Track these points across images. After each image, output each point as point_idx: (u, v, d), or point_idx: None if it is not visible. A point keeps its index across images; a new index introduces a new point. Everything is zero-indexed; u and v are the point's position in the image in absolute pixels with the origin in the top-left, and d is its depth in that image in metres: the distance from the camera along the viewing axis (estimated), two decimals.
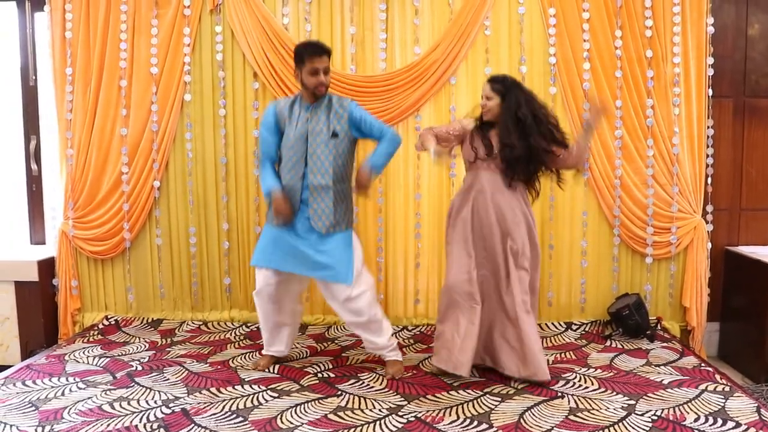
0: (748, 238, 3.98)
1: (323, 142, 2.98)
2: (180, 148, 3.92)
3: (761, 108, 3.92)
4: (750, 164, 3.95)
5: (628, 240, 3.85)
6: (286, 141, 3.04)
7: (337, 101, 3.05)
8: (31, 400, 2.80)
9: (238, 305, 4.02)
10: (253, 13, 3.77)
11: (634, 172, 3.80)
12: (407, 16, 3.80)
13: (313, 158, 2.99)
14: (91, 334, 3.75)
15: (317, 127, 3.00)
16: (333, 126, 3.00)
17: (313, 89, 2.98)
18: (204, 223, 3.96)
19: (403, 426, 2.55)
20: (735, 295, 3.87)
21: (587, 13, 3.72)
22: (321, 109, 3.02)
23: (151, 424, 2.55)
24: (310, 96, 3.02)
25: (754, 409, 2.66)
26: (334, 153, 2.99)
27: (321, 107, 3.02)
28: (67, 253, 3.94)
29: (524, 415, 2.64)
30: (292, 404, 2.75)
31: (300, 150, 3.01)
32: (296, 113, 3.05)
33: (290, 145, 3.02)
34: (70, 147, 3.89)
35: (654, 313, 3.86)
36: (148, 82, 3.85)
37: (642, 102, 3.75)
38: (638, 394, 2.84)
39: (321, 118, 3.01)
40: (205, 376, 3.10)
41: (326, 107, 3.03)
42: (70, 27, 3.83)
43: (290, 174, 3.03)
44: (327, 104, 3.03)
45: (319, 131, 2.99)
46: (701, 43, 3.72)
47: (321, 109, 3.02)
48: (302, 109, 3.04)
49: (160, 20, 3.82)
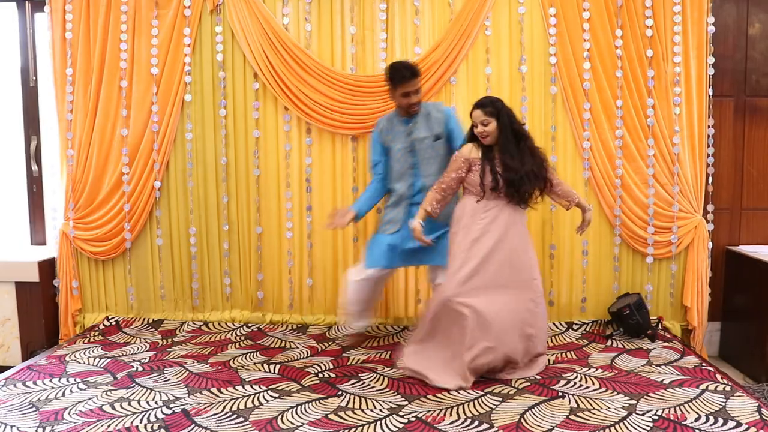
0: (749, 237, 3.97)
1: (429, 147, 3.28)
2: (180, 148, 3.92)
3: (762, 107, 3.91)
4: (751, 164, 3.94)
5: (629, 239, 3.85)
6: (393, 155, 3.34)
7: (433, 107, 3.34)
8: (32, 400, 2.80)
9: (239, 306, 4.03)
10: (253, 13, 3.77)
11: (634, 172, 3.80)
12: (407, 16, 3.80)
13: (422, 163, 3.29)
14: (92, 334, 3.75)
15: (420, 134, 3.28)
16: (435, 130, 3.28)
17: (406, 109, 3.26)
18: (204, 223, 3.96)
19: (404, 426, 2.55)
20: (736, 294, 3.87)
21: (588, 13, 3.72)
22: (420, 118, 3.30)
23: (151, 425, 2.55)
24: (404, 112, 3.30)
25: (755, 409, 2.65)
26: (441, 154, 3.29)
27: (419, 116, 3.30)
28: (68, 253, 3.94)
29: (525, 415, 2.63)
30: (292, 404, 2.75)
31: (406, 161, 3.31)
32: (397, 129, 3.34)
33: (397, 158, 3.33)
34: (71, 148, 3.89)
35: (655, 313, 3.85)
36: (148, 83, 3.85)
37: (643, 101, 3.75)
38: (639, 393, 2.84)
39: (421, 126, 3.29)
40: (205, 376, 3.09)
41: (424, 115, 3.30)
42: (71, 27, 3.83)
43: (399, 183, 3.34)
44: (424, 112, 3.31)
45: (423, 138, 3.27)
46: (702, 42, 3.72)
47: (419, 118, 3.30)
48: (401, 123, 3.33)
49: (160, 21, 3.82)
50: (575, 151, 3.81)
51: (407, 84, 3.18)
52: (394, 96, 3.27)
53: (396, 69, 3.23)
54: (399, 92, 3.21)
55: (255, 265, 3.99)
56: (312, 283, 3.98)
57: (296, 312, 4.02)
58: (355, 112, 3.78)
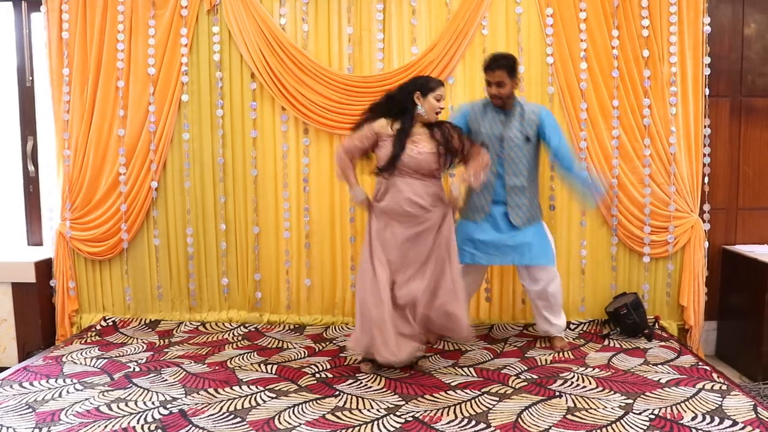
0: (745, 237, 3.99)
1: (517, 146, 3.31)
2: (177, 148, 3.92)
3: (758, 107, 3.92)
4: (747, 163, 3.95)
5: (626, 239, 3.85)
6: (480, 139, 3.31)
7: (528, 108, 3.36)
8: (28, 401, 2.80)
9: (236, 306, 4.02)
10: (250, 13, 3.77)
11: (631, 172, 3.80)
12: (404, 16, 3.80)
13: (508, 161, 3.32)
14: (89, 335, 3.75)
15: (511, 132, 3.31)
16: (526, 131, 3.31)
17: (491, 98, 3.33)
18: (202, 223, 3.96)
19: (401, 426, 2.55)
20: (732, 293, 3.88)
21: (584, 13, 3.72)
22: (515, 116, 3.33)
23: (149, 425, 2.55)
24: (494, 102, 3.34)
25: (751, 408, 2.66)
26: (528, 156, 3.33)
27: (515, 113, 3.33)
28: (65, 254, 3.93)
29: (522, 414, 2.64)
30: (290, 405, 2.75)
31: (494, 150, 3.30)
32: (490, 116, 3.35)
33: (485, 142, 3.30)
34: (67, 148, 3.88)
35: (652, 312, 3.86)
36: (145, 83, 3.84)
37: (639, 102, 3.76)
38: (636, 393, 2.84)
39: (515, 124, 3.31)
40: (203, 376, 3.09)
41: (519, 114, 3.33)
42: (67, 27, 3.82)
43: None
44: (520, 111, 3.34)
45: (514, 136, 3.30)
46: (698, 42, 3.73)
47: (515, 115, 3.33)
48: (495, 112, 3.35)
49: (157, 21, 3.81)
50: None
51: (489, 74, 3.26)
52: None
53: (489, 57, 3.32)
54: (486, 79, 3.30)
55: (252, 266, 3.99)
56: (309, 283, 3.98)
57: (293, 312, 4.01)
58: (352, 113, 3.77)
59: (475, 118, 3.38)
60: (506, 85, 3.26)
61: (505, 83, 3.26)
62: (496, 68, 3.24)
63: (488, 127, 3.33)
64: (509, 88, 3.28)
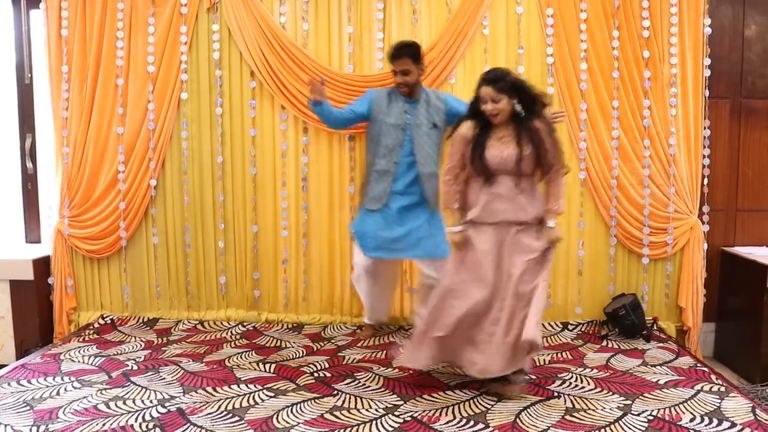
0: (743, 238, 3.99)
1: (425, 134, 3.36)
2: (176, 146, 3.91)
3: (757, 109, 3.92)
4: (746, 165, 3.95)
5: (625, 240, 3.85)
6: (382, 128, 3.38)
7: (434, 95, 3.42)
8: (26, 399, 2.79)
9: (234, 304, 4.02)
10: (250, 11, 3.76)
11: (630, 173, 3.80)
12: (405, 16, 3.80)
13: (419, 149, 3.36)
14: (87, 333, 3.74)
15: (418, 119, 3.36)
16: (433, 118, 3.37)
17: (397, 87, 3.38)
18: (200, 222, 3.95)
19: (400, 426, 2.55)
20: (731, 295, 3.88)
21: (585, 14, 3.72)
22: (420, 103, 3.38)
23: (146, 424, 2.55)
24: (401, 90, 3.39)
25: (750, 410, 2.66)
26: (437, 143, 3.40)
27: (420, 101, 3.38)
28: (63, 251, 3.93)
29: (520, 415, 2.64)
30: (288, 404, 2.74)
31: (396, 138, 3.36)
32: (394, 103, 3.39)
33: (386, 133, 3.37)
34: (66, 145, 3.87)
35: (650, 314, 3.86)
36: (144, 81, 3.83)
37: (639, 102, 3.76)
38: (634, 394, 2.85)
39: (421, 111, 3.37)
40: (200, 375, 3.09)
41: (425, 101, 3.38)
42: (66, 24, 3.81)
43: (385, 159, 3.38)
44: (425, 98, 3.39)
45: (421, 123, 3.36)
46: (698, 44, 3.73)
47: (420, 103, 3.38)
48: (400, 100, 3.39)
49: (157, 18, 3.81)
50: (571, 151, 3.81)
51: (395, 62, 3.31)
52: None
53: (393, 46, 3.37)
54: (392, 70, 3.35)
55: (251, 264, 3.98)
56: (307, 282, 3.98)
57: (292, 311, 4.01)
58: None
59: (378, 104, 3.41)
60: (412, 72, 3.31)
61: (410, 71, 3.31)
62: (400, 56, 3.29)
63: (393, 116, 3.37)
64: (415, 76, 3.33)
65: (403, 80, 3.32)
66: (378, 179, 3.40)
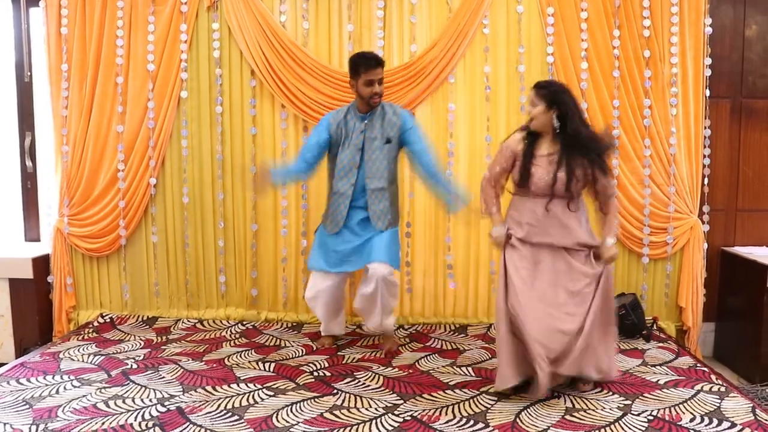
0: (744, 238, 3.98)
1: (378, 148, 3.23)
2: (176, 145, 3.91)
3: (758, 109, 3.92)
4: (746, 165, 3.95)
5: (625, 240, 3.85)
6: (342, 151, 3.25)
7: (389, 109, 3.27)
8: (25, 398, 2.79)
9: (234, 303, 4.02)
10: (250, 10, 3.75)
11: (631, 172, 3.80)
12: (405, 14, 3.79)
13: (368, 164, 3.23)
14: (86, 331, 3.73)
15: (372, 134, 3.22)
16: (387, 133, 3.23)
17: (368, 99, 3.18)
18: (200, 220, 3.95)
19: (399, 425, 2.54)
20: (731, 295, 3.88)
21: (585, 13, 3.72)
22: (375, 117, 3.24)
23: (146, 423, 2.54)
24: (364, 105, 3.23)
25: (750, 410, 2.66)
26: (388, 158, 3.25)
27: (375, 115, 3.24)
28: (62, 250, 3.92)
29: (520, 414, 2.63)
30: (287, 403, 2.74)
31: (355, 159, 3.24)
32: (351, 124, 3.26)
33: (345, 154, 3.24)
34: (66, 144, 3.87)
35: (650, 313, 3.86)
36: (144, 79, 3.83)
37: (639, 102, 3.75)
38: (634, 394, 2.84)
39: (376, 126, 3.23)
40: (200, 374, 3.08)
41: (380, 115, 3.25)
42: (66, 23, 3.81)
43: (343, 181, 3.26)
44: (380, 112, 3.25)
45: (375, 137, 3.22)
46: (699, 43, 3.73)
47: (375, 117, 3.24)
48: (357, 119, 3.26)
49: (156, 17, 3.80)
50: None
51: (373, 72, 3.14)
52: (356, 86, 3.20)
53: (361, 56, 3.22)
54: (363, 80, 3.15)
55: (250, 263, 3.98)
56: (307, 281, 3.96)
57: (291, 310, 4.01)
58: None
59: (337, 126, 3.26)
60: (383, 82, 3.22)
61: (383, 80, 3.22)
62: (377, 65, 3.16)
63: (351, 136, 3.24)
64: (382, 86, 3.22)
65: (380, 90, 3.19)
66: (337, 202, 3.28)
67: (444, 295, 3.95)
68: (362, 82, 3.16)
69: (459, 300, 3.95)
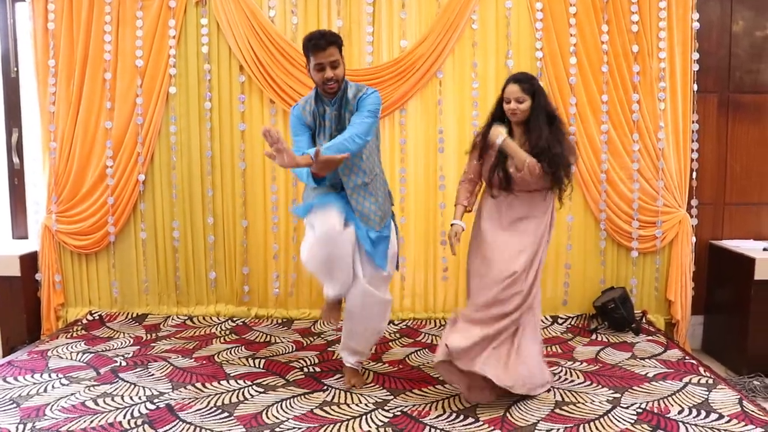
0: (731, 232, 4.01)
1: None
2: (165, 141, 3.89)
3: (745, 103, 3.94)
4: (734, 159, 3.98)
5: (614, 234, 3.87)
6: (318, 140, 2.80)
7: (354, 90, 2.75)
8: (13, 397, 2.77)
9: (224, 300, 4.00)
10: (239, 5, 3.73)
11: (619, 167, 3.82)
12: (394, 10, 3.78)
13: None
14: (75, 329, 3.71)
15: (342, 124, 2.76)
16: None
17: (322, 86, 2.72)
18: (189, 217, 3.93)
19: (390, 420, 2.55)
20: (719, 288, 3.90)
21: (574, 8, 3.73)
22: (345, 103, 2.76)
23: (135, 420, 2.53)
24: (323, 92, 2.76)
25: (737, 401, 2.69)
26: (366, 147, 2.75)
27: (345, 100, 2.75)
28: (50, 247, 3.89)
29: (510, 408, 2.64)
30: (277, 399, 2.74)
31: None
32: (322, 111, 2.80)
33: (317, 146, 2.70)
34: (53, 140, 3.84)
35: (639, 307, 3.88)
36: (132, 75, 3.80)
37: (628, 97, 3.77)
38: (623, 387, 2.86)
39: (344, 113, 2.76)
40: (190, 371, 3.07)
41: (352, 96, 2.75)
42: (53, 18, 3.77)
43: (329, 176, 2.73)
44: (351, 93, 2.75)
45: (344, 127, 2.73)
46: (687, 38, 3.74)
47: (345, 102, 2.76)
48: (326, 105, 2.78)
49: (144, 12, 3.77)
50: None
51: (321, 54, 2.64)
52: (310, 71, 2.75)
53: (308, 37, 2.71)
54: (312, 64, 2.69)
55: (240, 259, 3.97)
56: (297, 277, 3.97)
57: (281, 306, 4.00)
58: None
59: (311, 114, 2.82)
60: (340, 64, 2.70)
61: (339, 62, 2.69)
62: (327, 45, 2.64)
63: (324, 124, 2.79)
64: (342, 69, 2.72)
65: (333, 75, 2.67)
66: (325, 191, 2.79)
67: (434, 290, 3.96)
68: (312, 68, 2.70)
69: (449, 295, 3.96)
